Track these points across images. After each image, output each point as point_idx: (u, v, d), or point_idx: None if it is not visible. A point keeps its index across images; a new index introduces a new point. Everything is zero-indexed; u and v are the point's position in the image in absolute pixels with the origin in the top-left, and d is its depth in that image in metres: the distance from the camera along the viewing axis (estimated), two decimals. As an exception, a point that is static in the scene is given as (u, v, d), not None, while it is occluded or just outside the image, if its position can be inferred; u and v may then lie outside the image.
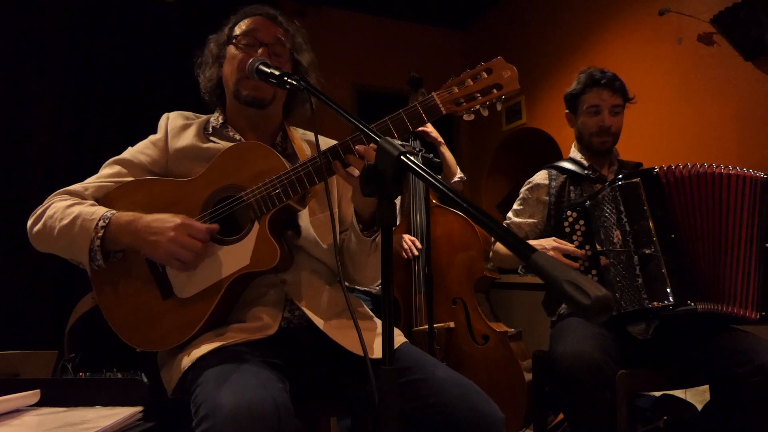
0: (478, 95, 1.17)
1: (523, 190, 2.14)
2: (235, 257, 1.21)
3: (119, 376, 2.01)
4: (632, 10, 3.47)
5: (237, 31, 1.38)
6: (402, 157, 0.80)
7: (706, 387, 1.76)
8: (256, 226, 1.21)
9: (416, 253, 2.47)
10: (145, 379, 1.67)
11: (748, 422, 1.53)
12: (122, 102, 3.67)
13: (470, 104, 1.18)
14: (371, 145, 1.14)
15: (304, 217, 1.34)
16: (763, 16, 2.59)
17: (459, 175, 2.69)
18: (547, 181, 2.06)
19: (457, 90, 1.18)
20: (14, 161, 3.32)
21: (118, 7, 3.71)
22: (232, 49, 1.38)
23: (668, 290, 1.62)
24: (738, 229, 1.65)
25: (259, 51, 1.33)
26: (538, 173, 2.13)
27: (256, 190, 1.21)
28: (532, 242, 1.86)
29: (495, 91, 1.17)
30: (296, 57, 1.42)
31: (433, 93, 1.19)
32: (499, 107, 1.20)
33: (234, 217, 1.25)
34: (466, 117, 1.20)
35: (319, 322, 1.26)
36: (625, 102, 2.04)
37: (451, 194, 0.72)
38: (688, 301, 1.62)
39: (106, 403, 1.21)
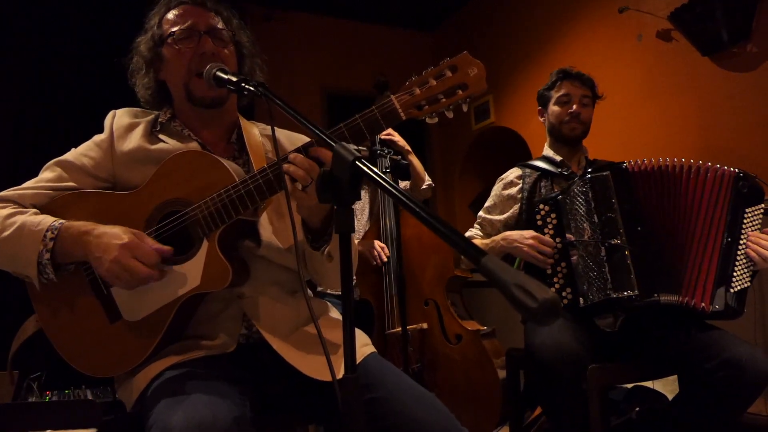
0: (442, 97, 1.06)
1: (495, 186, 2.16)
2: (184, 277, 1.12)
3: (88, 393, 1.97)
4: (594, 8, 3.53)
5: (166, 26, 1.27)
6: (356, 162, 0.80)
7: (675, 377, 1.80)
8: (206, 243, 1.12)
9: (384, 259, 2.47)
10: (119, 395, 1.64)
11: (716, 414, 1.57)
12: (90, 96, 3.45)
13: (433, 107, 1.07)
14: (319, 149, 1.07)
15: (264, 224, 1.25)
16: (719, 12, 2.65)
17: (428, 181, 2.71)
18: (520, 178, 2.09)
19: (418, 91, 1.06)
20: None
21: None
22: (169, 50, 1.26)
23: (633, 281, 1.66)
24: (702, 223, 1.69)
25: (201, 41, 1.22)
26: (510, 170, 2.16)
27: (203, 205, 1.12)
28: (511, 233, 1.87)
29: (460, 91, 1.06)
30: (238, 39, 1.33)
31: (392, 96, 1.07)
32: (465, 108, 1.09)
33: (184, 232, 1.15)
34: (429, 121, 1.08)
35: (276, 344, 1.18)
36: (593, 96, 2.10)
37: (404, 199, 0.71)
38: (653, 293, 1.65)
39: (57, 427, 1.17)
